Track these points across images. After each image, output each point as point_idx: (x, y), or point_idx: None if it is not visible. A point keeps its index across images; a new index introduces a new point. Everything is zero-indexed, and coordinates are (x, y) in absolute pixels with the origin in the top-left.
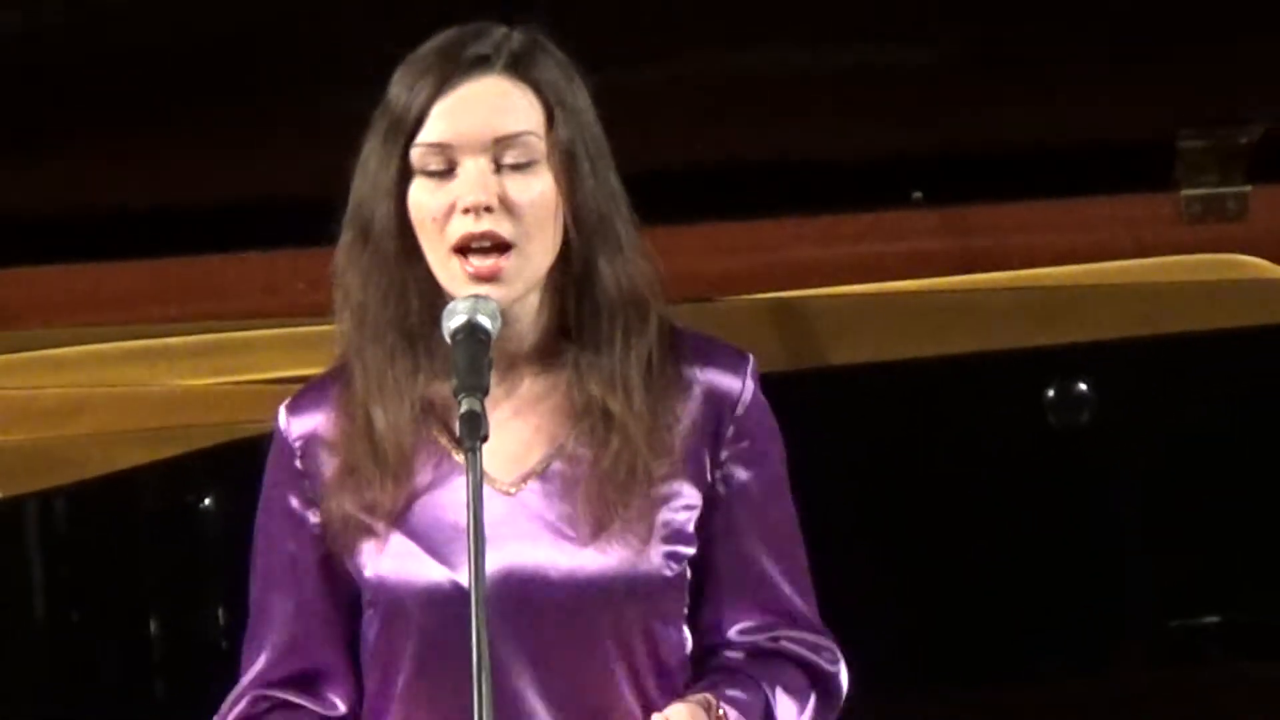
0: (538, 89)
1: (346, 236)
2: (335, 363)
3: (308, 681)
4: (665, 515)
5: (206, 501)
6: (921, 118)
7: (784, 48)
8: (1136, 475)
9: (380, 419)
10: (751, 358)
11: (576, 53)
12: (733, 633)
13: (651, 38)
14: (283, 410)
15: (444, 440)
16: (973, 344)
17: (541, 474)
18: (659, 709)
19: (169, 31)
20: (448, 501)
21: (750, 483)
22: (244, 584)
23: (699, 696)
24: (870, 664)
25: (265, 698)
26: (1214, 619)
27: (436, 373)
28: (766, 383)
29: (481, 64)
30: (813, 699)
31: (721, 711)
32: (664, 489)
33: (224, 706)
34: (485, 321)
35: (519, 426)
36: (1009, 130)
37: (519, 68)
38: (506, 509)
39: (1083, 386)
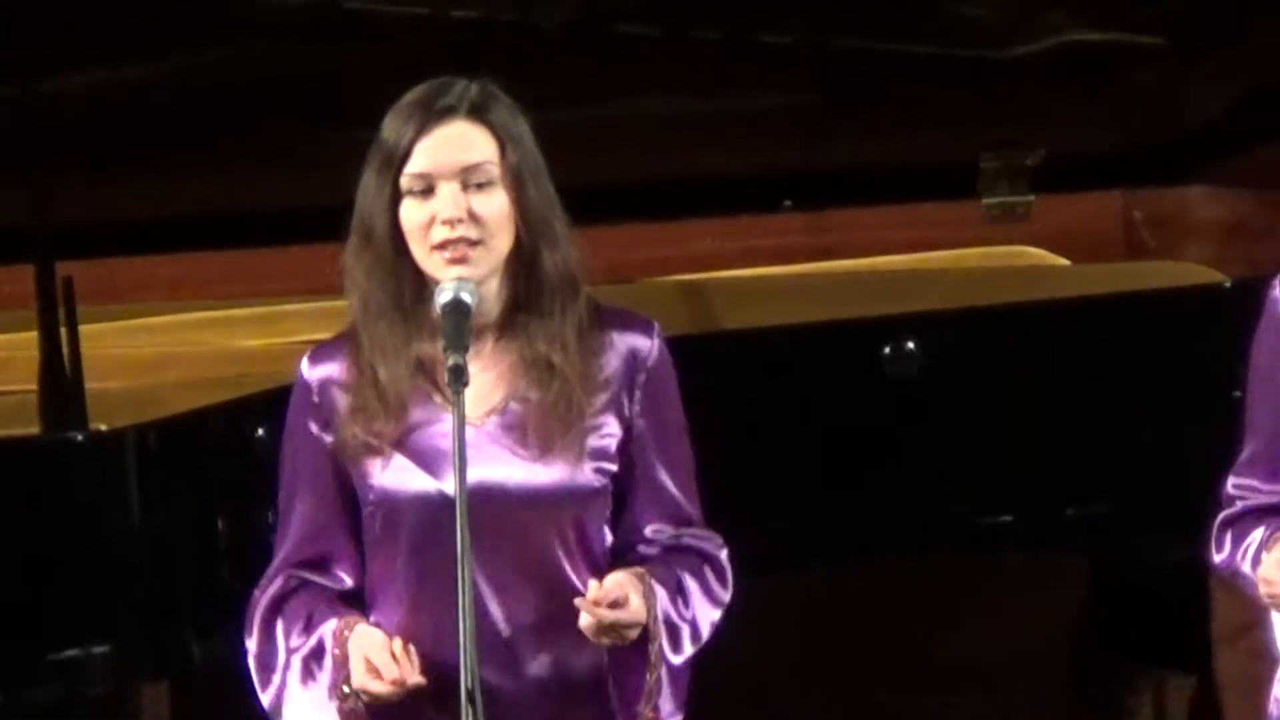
0: (492, 128)
1: (353, 241)
2: (344, 329)
3: (322, 563)
4: (594, 440)
5: (260, 432)
6: (790, 144)
7: (687, 92)
8: (952, 412)
9: (383, 373)
10: (657, 324)
11: (533, 95)
12: (647, 531)
13: (591, 84)
14: (305, 360)
15: (429, 387)
16: (828, 314)
17: (501, 411)
18: (586, 582)
19: (237, 83)
20: (434, 432)
21: (656, 420)
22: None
23: (633, 569)
24: (747, 553)
25: (292, 576)
26: (1008, 518)
27: (424, 338)
28: (671, 344)
29: (450, 112)
30: (707, 570)
31: (649, 580)
32: (593, 421)
33: (263, 581)
34: (467, 297)
35: (484, 377)
36: (855, 153)
37: (477, 113)
38: (476, 437)
39: (911, 345)
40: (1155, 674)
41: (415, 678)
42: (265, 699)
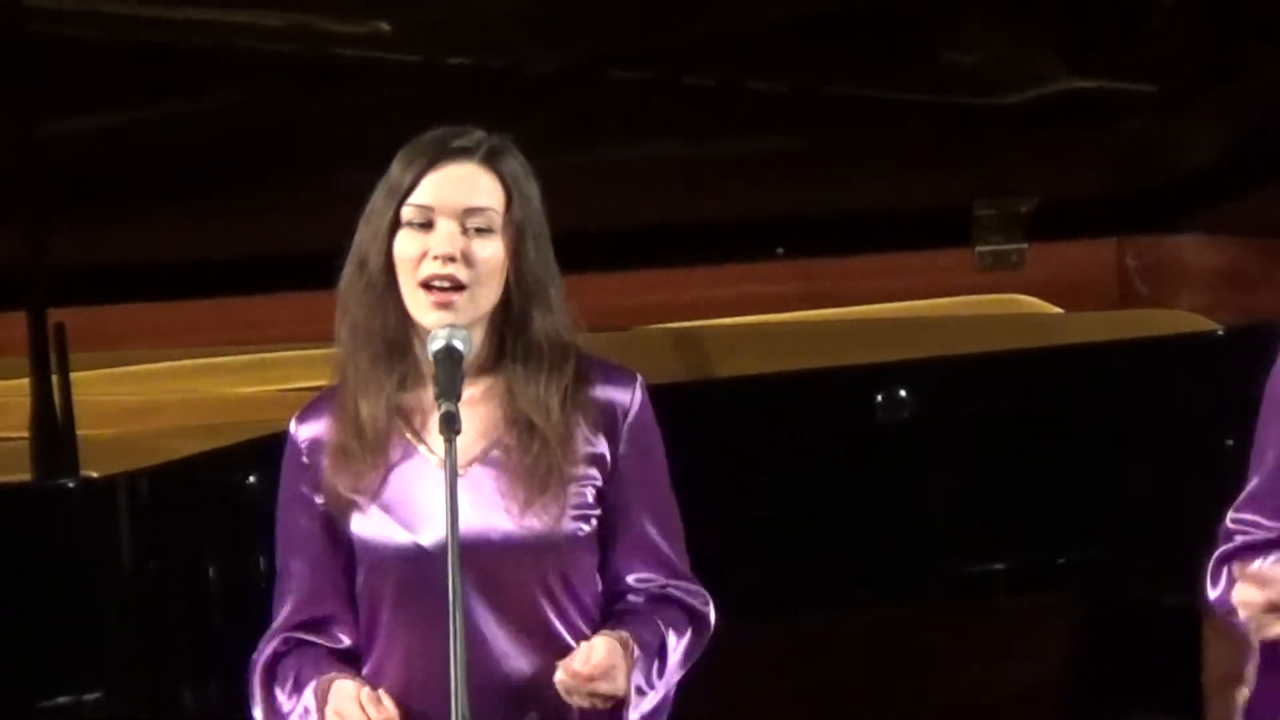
0: (502, 178)
1: (349, 268)
2: (332, 381)
3: (320, 625)
4: (575, 493)
5: (251, 479)
6: (783, 191)
7: (679, 139)
8: (945, 459)
9: (364, 407)
10: (639, 376)
11: (526, 141)
12: (631, 580)
13: (582, 130)
14: (293, 421)
15: (409, 435)
16: (820, 361)
17: (483, 460)
18: (579, 633)
19: (217, 130)
20: (410, 480)
21: (639, 470)
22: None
23: (618, 634)
24: (739, 600)
25: (289, 638)
26: (1000, 565)
27: (407, 376)
28: (662, 392)
29: (464, 153)
30: (689, 631)
31: (629, 644)
32: (574, 472)
33: (261, 644)
34: (459, 345)
35: (466, 423)
36: (847, 201)
37: (491, 160)
38: (459, 487)
39: (903, 393)
40: (1147, 718)
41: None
42: None
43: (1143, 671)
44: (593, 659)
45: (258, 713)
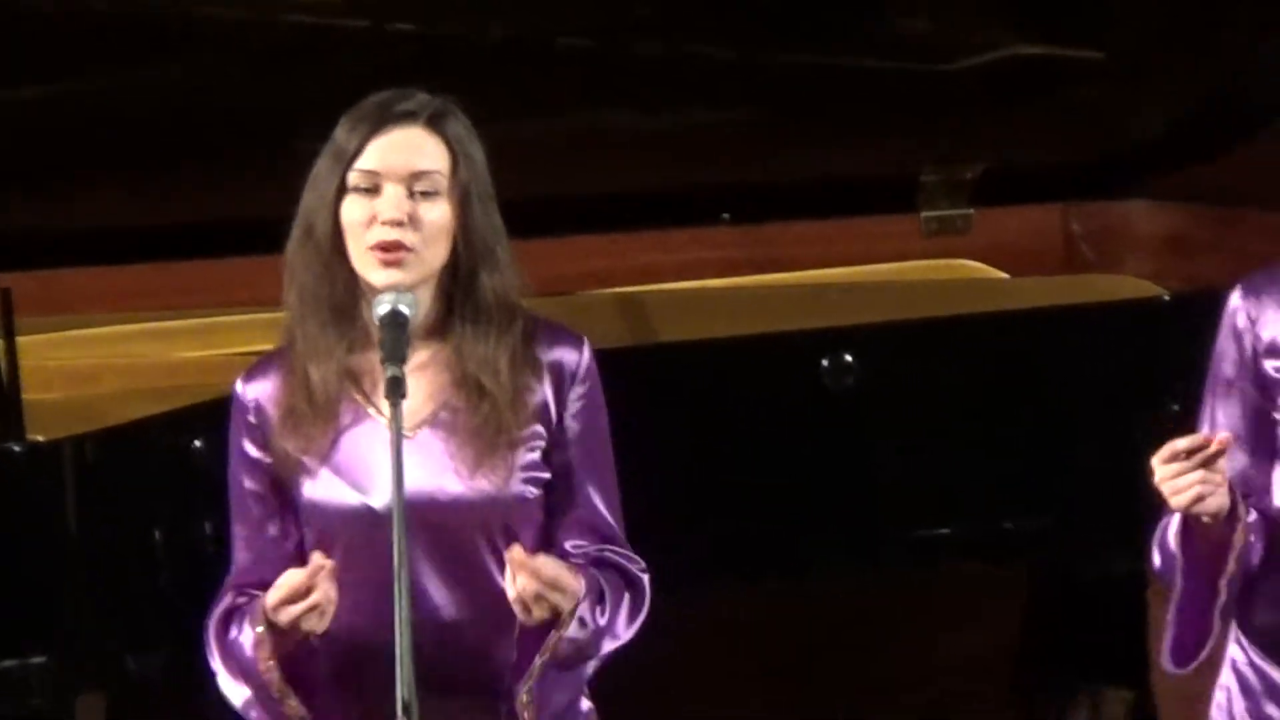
0: (448, 141)
1: (296, 234)
2: (279, 344)
3: (269, 585)
4: (524, 454)
5: (198, 443)
6: (731, 159)
7: (628, 107)
8: (890, 425)
9: (314, 372)
10: (586, 339)
11: (475, 109)
12: (567, 545)
13: (532, 98)
14: (239, 381)
15: (359, 397)
16: (767, 327)
17: (432, 423)
18: None
19: (167, 97)
20: (360, 443)
21: (583, 435)
22: (226, 503)
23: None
24: (685, 567)
25: (242, 593)
26: (945, 530)
27: (355, 340)
28: (609, 356)
29: (409, 116)
30: (627, 596)
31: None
32: (522, 434)
33: (213, 603)
34: (405, 309)
35: (415, 386)
36: (795, 168)
37: (436, 123)
38: (407, 449)
39: (849, 358)
40: (1094, 686)
41: (321, 591)
42: (244, 704)
43: (1090, 639)
44: (541, 559)
45: (215, 665)
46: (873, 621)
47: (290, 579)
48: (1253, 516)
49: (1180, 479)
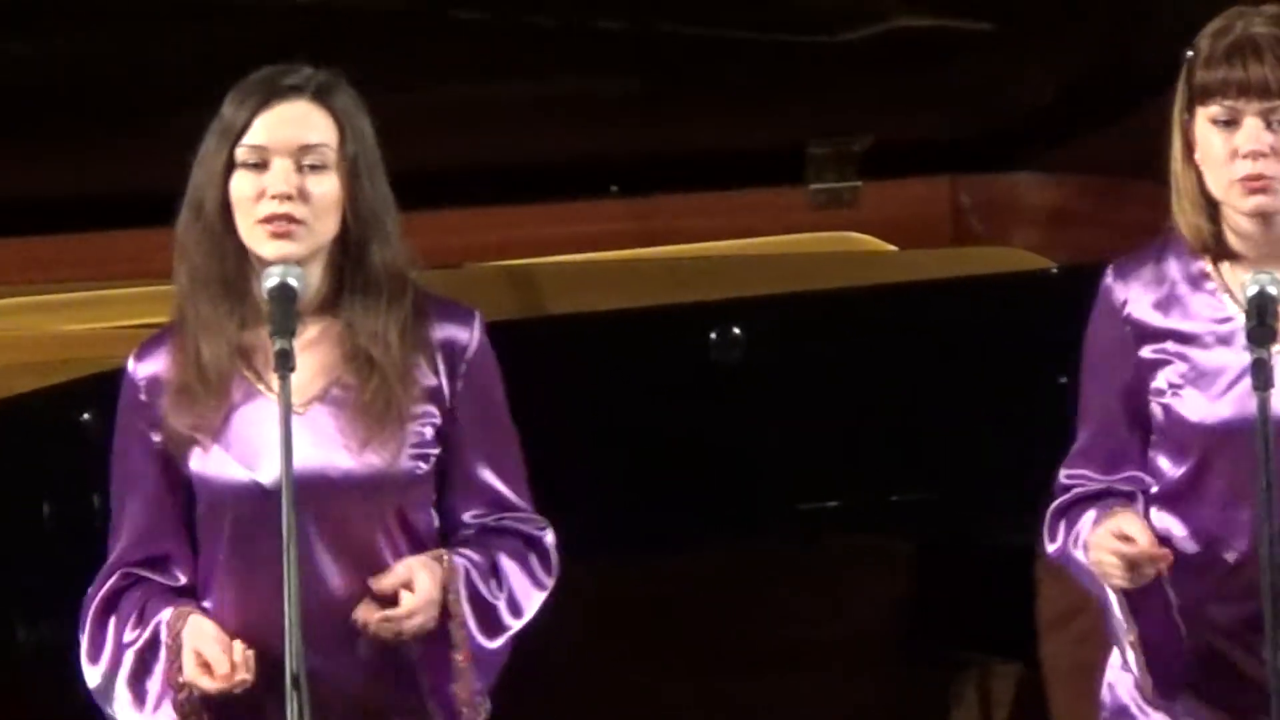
0: (334, 114)
1: (185, 212)
2: (170, 319)
3: (157, 562)
4: (414, 430)
5: (87, 416)
6: (619, 131)
7: (515, 77)
8: (779, 397)
9: (205, 349)
10: (479, 313)
11: (362, 79)
12: (466, 517)
13: (418, 68)
14: (131, 358)
15: (250, 374)
16: (656, 298)
17: (323, 398)
18: None
19: (53, 69)
20: (251, 420)
21: (476, 410)
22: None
23: (431, 552)
24: (573, 539)
25: (127, 574)
26: (834, 504)
27: (247, 318)
28: (496, 330)
29: (295, 90)
30: (532, 556)
31: (447, 559)
32: (413, 410)
33: (97, 579)
34: (293, 282)
35: (306, 362)
36: (682, 140)
37: (322, 96)
38: (298, 425)
39: (737, 331)
40: (981, 660)
41: (243, 676)
42: (95, 691)
43: (977, 612)
44: (389, 576)
45: (84, 643)
46: (759, 596)
47: (214, 652)
48: (1138, 504)
49: (1122, 576)
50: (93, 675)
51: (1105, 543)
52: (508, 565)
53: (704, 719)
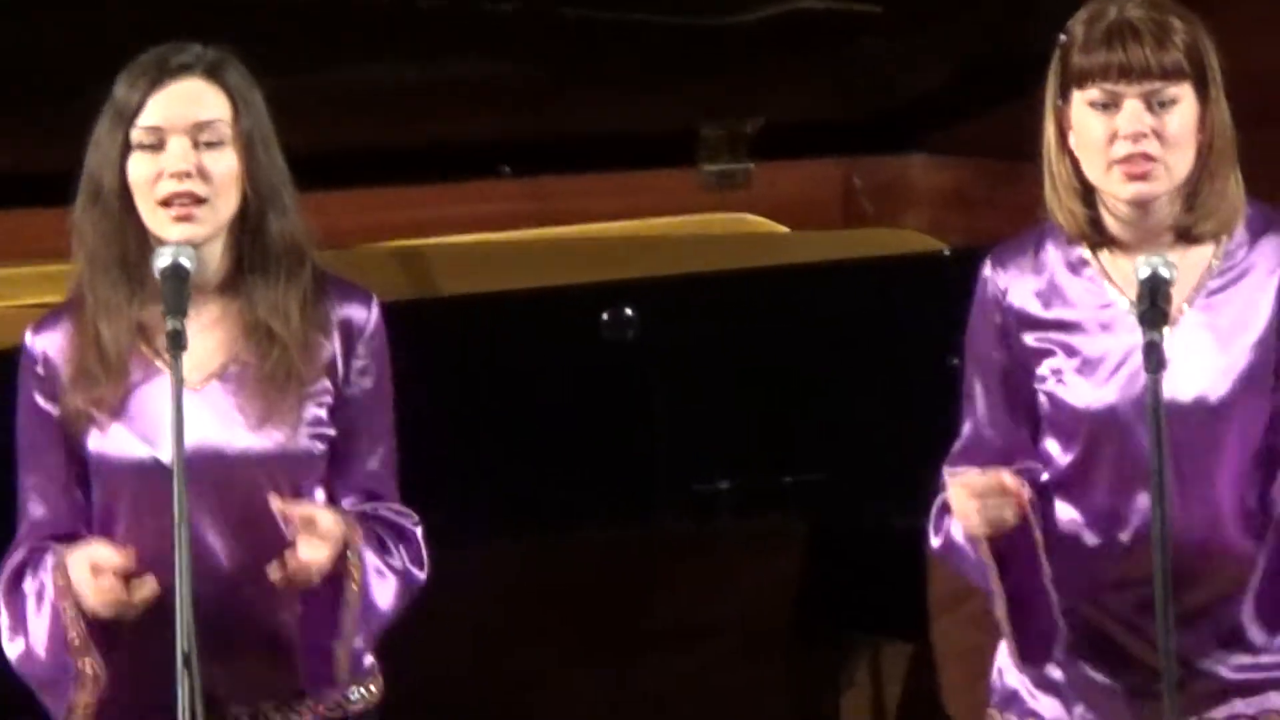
0: (227, 90)
1: (81, 198)
2: (69, 296)
3: (61, 535)
4: (312, 408)
5: None
6: (512, 112)
7: (409, 59)
8: (670, 378)
9: (105, 332)
10: (375, 297)
11: (260, 62)
12: (343, 504)
13: (315, 50)
14: (28, 332)
15: (148, 352)
16: (547, 279)
17: (221, 376)
18: None
19: None
20: (152, 397)
21: (366, 393)
22: (14, 459)
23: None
24: (459, 524)
25: (35, 548)
26: (725, 485)
27: (146, 299)
28: (388, 310)
29: (186, 69)
30: (402, 548)
31: (350, 519)
32: (311, 389)
33: (8, 554)
34: (186, 262)
35: (205, 341)
36: (576, 120)
37: (214, 73)
38: (195, 402)
39: (628, 312)
40: (872, 640)
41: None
42: (14, 655)
43: (869, 593)
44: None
45: (2, 621)
46: (650, 577)
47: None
48: (1028, 492)
49: (976, 514)
50: (12, 648)
51: (956, 489)
52: (391, 548)
53: (597, 701)
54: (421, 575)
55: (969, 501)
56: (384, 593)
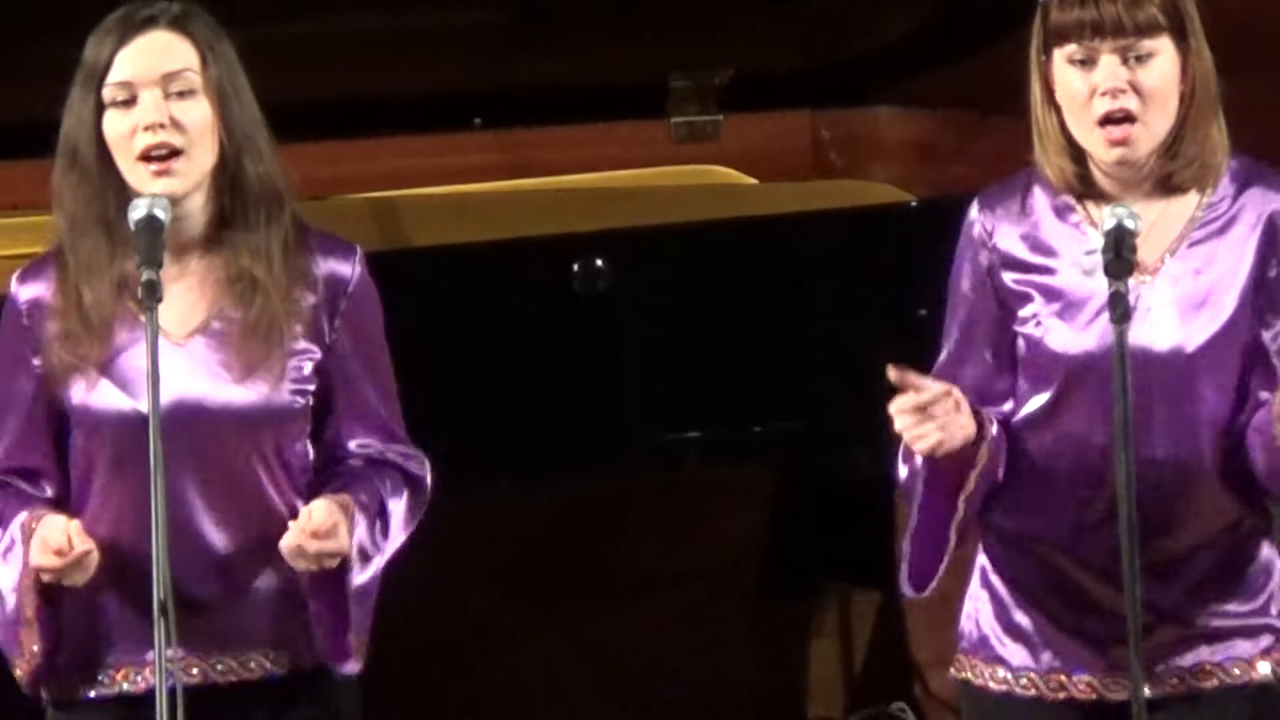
0: (193, 39)
1: (60, 161)
2: (51, 247)
3: (27, 474)
4: (294, 363)
5: None
6: (482, 62)
7: (378, 9)
8: (641, 329)
9: (88, 294)
10: (359, 248)
11: (225, 14)
12: (352, 445)
13: (292, 2)
14: (14, 280)
15: (133, 307)
16: (521, 231)
17: (204, 330)
18: (290, 500)
19: None
20: (136, 352)
21: (359, 342)
22: None
23: (339, 497)
24: (440, 468)
25: (3, 481)
26: (695, 434)
27: (128, 256)
28: (367, 260)
29: (150, 22)
30: (406, 493)
31: (351, 508)
32: (294, 345)
33: None
34: (160, 214)
35: (189, 295)
36: (546, 72)
37: (179, 24)
38: (178, 356)
39: (600, 263)
40: (841, 588)
41: (81, 547)
42: None
43: (838, 541)
44: (314, 519)
45: None
46: (622, 526)
47: (54, 535)
48: (995, 428)
49: (920, 428)
50: None
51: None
52: (393, 511)
53: (567, 647)
54: (417, 518)
55: (911, 414)
56: (369, 569)
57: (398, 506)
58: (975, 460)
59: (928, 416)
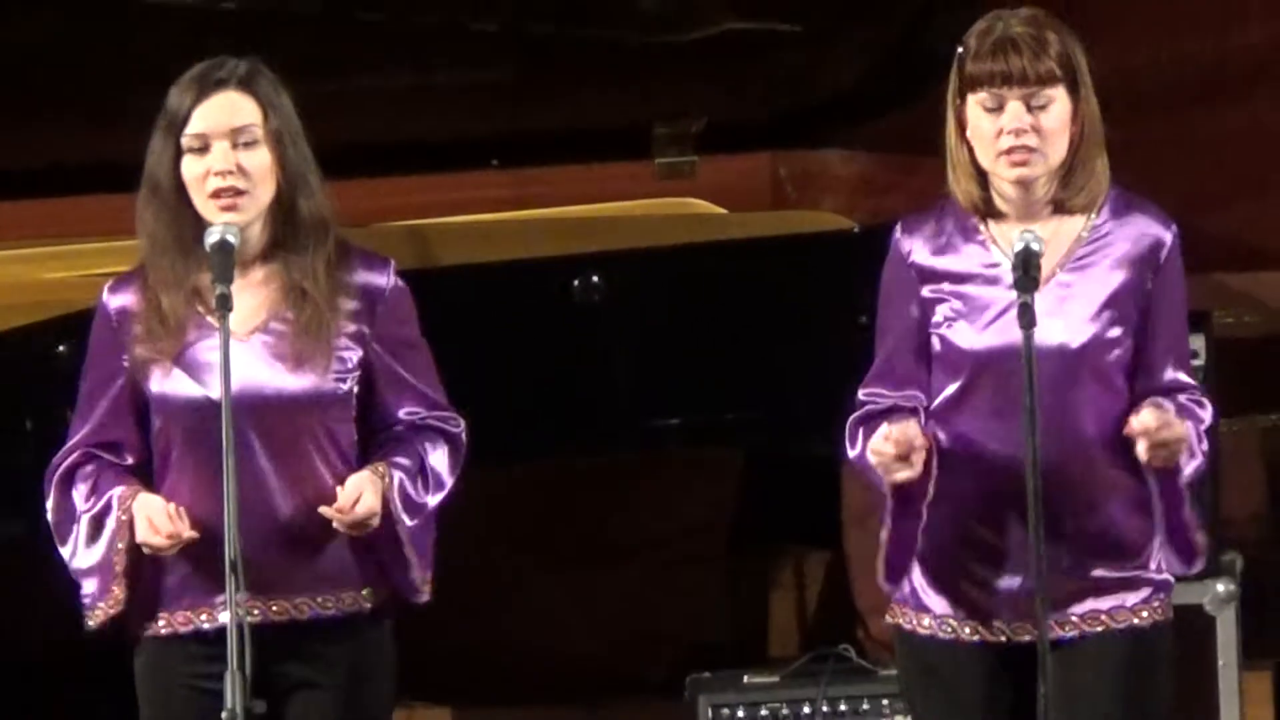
0: (257, 98)
1: (143, 191)
2: (137, 264)
3: (112, 446)
4: (337, 359)
5: (61, 348)
6: (496, 113)
7: (409, 68)
8: (630, 333)
9: (165, 302)
10: (392, 261)
11: (285, 71)
12: (401, 414)
13: (331, 61)
14: (105, 290)
15: (204, 311)
16: (529, 253)
17: (263, 329)
18: (337, 470)
19: (54, 57)
20: (205, 348)
21: (396, 337)
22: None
23: (371, 468)
24: (469, 449)
25: (87, 453)
26: (675, 420)
27: (200, 271)
28: (403, 276)
29: (222, 84)
30: (445, 445)
31: (383, 470)
32: (337, 341)
33: (58, 457)
34: (231, 239)
35: (251, 302)
36: (550, 121)
37: (245, 84)
38: (241, 350)
39: (595, 279)
40: (796, 549)
41: (188, 533)
42: (64, 550)
43: (793, 510)
44: (340, 499)
45: (49, 505)
46: (611, 497)
47: (161, 519)
48: (920, 416)
49: (897, 464)
50: (62, 535)
51: (877, 443)
52: (434, 462)
53: (561, 602)
54: (458, 468)
55: (889, 451)
56: (418, 514)
57: (440, 460)
58: (931, 471)
59: (907, 461)
